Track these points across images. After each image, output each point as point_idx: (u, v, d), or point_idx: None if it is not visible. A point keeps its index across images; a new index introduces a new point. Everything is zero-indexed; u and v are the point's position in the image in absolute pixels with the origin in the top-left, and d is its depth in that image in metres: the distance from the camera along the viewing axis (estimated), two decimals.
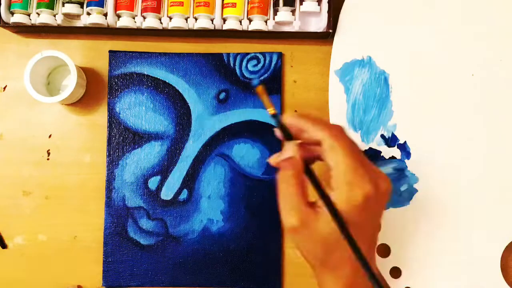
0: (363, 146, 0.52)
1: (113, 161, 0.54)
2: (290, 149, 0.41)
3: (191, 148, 0.54)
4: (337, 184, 0.39)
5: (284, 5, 0.53)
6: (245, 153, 0.54)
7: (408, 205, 0.52)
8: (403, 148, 0.52)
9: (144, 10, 0.53)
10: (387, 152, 0.53)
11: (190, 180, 0.54)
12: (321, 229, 0.39)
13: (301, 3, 0.53)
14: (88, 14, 0.53)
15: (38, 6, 0.52)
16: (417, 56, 0.53)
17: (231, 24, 0.53)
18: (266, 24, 0.53)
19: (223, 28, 0.54)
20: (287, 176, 0.40)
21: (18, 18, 0.52)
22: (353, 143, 0.40)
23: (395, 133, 0.53)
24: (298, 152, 0.41)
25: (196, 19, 0.54)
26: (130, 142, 0.54)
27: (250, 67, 0.55)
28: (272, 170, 0.54)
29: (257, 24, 0.53)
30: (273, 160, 0.42)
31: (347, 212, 0.38)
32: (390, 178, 0.52)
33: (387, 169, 0.52)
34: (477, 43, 0.53)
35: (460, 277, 0.51)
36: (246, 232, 0.54)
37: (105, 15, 0.53)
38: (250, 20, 0.54)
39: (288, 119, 0.41)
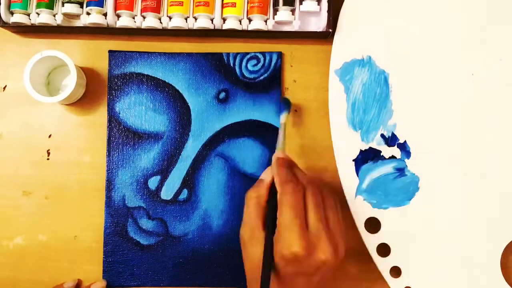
0: (363, 146, 0.52)
1: (113, 161, 0.54)
2: (266, 172, 0.46)
3: (191, 148, 0.54)
4: (277, 229, 0.42)
5: (284, 4, 0.53)
6: (245, 153, 0.54)
7: (408, 205, 0.52)
8: (403, 147, 0.52)
9: (144, 9, 0.53)
10: (387, 151, 0.52)
11: (190, 180, 0.54)
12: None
13: (300, 3, 0.53)
14: (88, 14, 0.53)
15: (38, 6, 0.52)
16: (417, 56, 0.53)
17: (231, 24, 0.53)
18: (266, 24, 0.53)
19: (223, 28, 0.53)
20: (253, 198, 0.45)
21: (18, 18, 0.52)
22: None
23: (395, 133, 0.53)
24: (270, 177, 0.45)
25: (196, 18, 0.53)
26: (130, 142, 0.54)
27: (250, 67, 0.55)
28: None
29: (257, 23, 0.53)
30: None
31: (276, 259, 0.41)
32: (390, 177, 0.52)
33: (387, 168, 0.52)
34: (477, 43, 0.53)
35: (460, 277, 0.51)
36: None
37: (105, 15, 0.53)
38: (250, 20, 0.54)
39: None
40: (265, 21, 0.53)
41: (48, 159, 0.55)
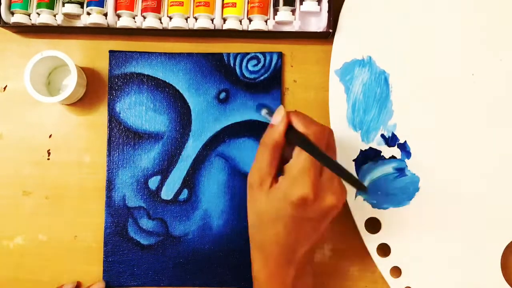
0: (363, 146, 0.53)
1: (113, 161, 0.54)
2: (277, 117, 0.42)
3: (191, 148, 0.54)
4: (286, 173, 0.41)
5: (284, 4, 0.53)
6: (246, 153, 0.54)
7: (408, 205, 0.52)
8: (403, 148, 0.52)
9: (144, 10, 0.53)
10: (387, 151, 0.53)
11: (190, 180, 0.54)
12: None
13: (301, 3, 0.53)
14: (88, 14, 0.53)
15: (38, 6, 0.52)
16: (417, 56, 0.53)
17: (231, 24, 0.53)
18: (266, 24, 0.53)
19: (223, 28, 0.54)
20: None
21: (18, 18, 0.52)
22: (326, 150, 0.41)
23: (395, 133, 0.53)
24: (284, 120, 0.42)
25: (196, 19, 0.54)
26: (130, 142, 0.54)
27: (250, 67, 0.55)
28: None
29: (257, 24, 0.53)
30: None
31: (282, 203, 0.40)
32: (390, 177, 0.52)
33: (387, 168, 0.52)
34: (477, 43, 0.53)
35: (460, 277, 0.51)
36: (246, 232, 0.53)
37: (105, 15, 0.53)
38: (250, 20, 0.54)
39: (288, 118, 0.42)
40: (266, 21, 0.54)
41: (48, 159, 0.55)
